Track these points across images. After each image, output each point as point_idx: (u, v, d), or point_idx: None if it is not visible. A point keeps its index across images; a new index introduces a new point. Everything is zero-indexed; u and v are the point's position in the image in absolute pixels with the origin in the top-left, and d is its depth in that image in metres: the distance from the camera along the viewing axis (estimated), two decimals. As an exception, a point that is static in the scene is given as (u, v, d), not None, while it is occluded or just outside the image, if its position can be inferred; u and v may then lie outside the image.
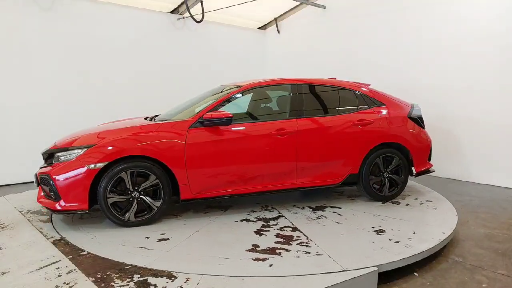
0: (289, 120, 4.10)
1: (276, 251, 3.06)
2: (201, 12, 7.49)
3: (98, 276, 2.63)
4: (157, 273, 2.67)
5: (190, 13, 7.32)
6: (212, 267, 2.76)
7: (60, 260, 2.89)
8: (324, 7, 8.13)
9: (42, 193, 3.75)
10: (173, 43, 7.71)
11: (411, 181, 5.36)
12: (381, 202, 4.40)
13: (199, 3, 7.36)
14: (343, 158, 4.24)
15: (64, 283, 2.54)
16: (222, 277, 2.61)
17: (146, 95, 7.30)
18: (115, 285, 2.51)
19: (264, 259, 2.91)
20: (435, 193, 4.86)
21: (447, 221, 3.75)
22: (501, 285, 2.86)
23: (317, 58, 8.33)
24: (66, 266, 2.78)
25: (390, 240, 3.26)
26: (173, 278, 2.60)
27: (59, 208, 3.47)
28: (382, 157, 4.38)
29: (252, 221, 3.82)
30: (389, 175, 4.45)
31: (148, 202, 3.65)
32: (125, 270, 2.72)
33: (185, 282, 2.54)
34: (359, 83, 4.68)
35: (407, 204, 4.33)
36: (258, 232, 3.49)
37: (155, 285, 2.51)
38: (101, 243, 3.25)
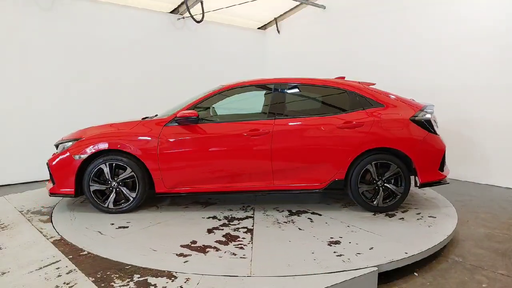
0: (266, 120, 4.02)
1: (206, 249, 3.11)
2: (201, 12, 7.49)
3: (98, 276, 2.63)
4: (157, 273, 2.67)
5: (190, 13, 7.33)
6: (135, 257, 2.94)
7: (60, 260, 2.89)
8: (324, 7, 8.13)
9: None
10: (173, 43, 7.71)
11: (434, 192, 4.89)
12: (372, 213, 4.01)
13: (199, 3, 7.36)
14: (326, 162, 3.96)
15: (64, 283, 2.54)
16: (222, 277, 2.61)
17: (146, 95, 7.30)
18: (115, 285, 2.51)
19: (186, 255, 2.99)
20: (451, 209, 4.18)
21: (424, 241, 3.22)
22: (501, 285, 2.86)
23: (317, 58, 8.33)
24: (66, 266, 2.78)
25: (334, 252, 3.00)
26: (173, 278, 2.60)
27: (54, 191, 3.99)
28: (376, 163, 3.97)
29: (218, 219, 3.89)
30: (384, 184, 4.01)
31: (125, 192, 4.01)
32: (125, 270, 2.72)
33: (185, 282, 2.54)
34: (359, 83, 4.36)
35: (401, 218, 3.85)
36: (211, 230, 3.56)
37: (155, 285, 2.51)
38: (76, 229, 3.57)
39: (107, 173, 3.96)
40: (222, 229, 3.59)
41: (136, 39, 7.17)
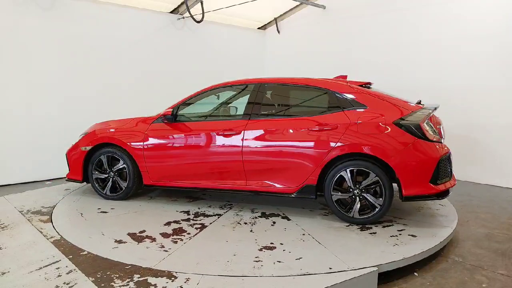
0: (241, 120, 4.03)
1: (144, 239, 3.32)
2: (201, 12, 7.49)
3: (98, 276, 2.64)
4: (157, 273, 2.67)
5: (190, 13, 7.32)
6: (79, 237, 3.34)
7: (60, 260, 2.89)
8: (324, 7, 8.13)
9: None
10: (173, 43, 7.71)
11: (452, 209, 4.28)
12: (346, 223, 3.70)
13: (199, 3, 7.36)
14: (297, 166, 3.78)
15: (64, 283, 2.54)
16: (222, 277, 2.62)
17: (146, 95, 7.30)
18: (115, 285, 2.52)
19: (121, 242, 3.25)
20: (445, 230, 3.58)
21: (369, 259, 2.90)
22: (501, 285, 2.87)
23: (317, 58, 8.33)
24: (66, 266, 2.78)
25: (255, 257, 2.95)
26: (173, 278, 2.60)
27: (68, 176, 4.69)
28: (351, 170, 3.62)
29: (188, 213, 4.06)
30: (362, 194, 3.63)
31: (119, 182, 4.46)
32: (125, 270, 2.72)
33: (185, 282, 2.54)
34: (347, 82, 4.07)
35: (373, 233, 3.48)
36: (169, 223, 3.75)
37: (155, 285, 2.51)
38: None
39: (105, 164, 4.45)
40: (180, 223, 3.74)
41: (136, 39, 7.16)
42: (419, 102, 3.95)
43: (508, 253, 3.43)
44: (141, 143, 4.27)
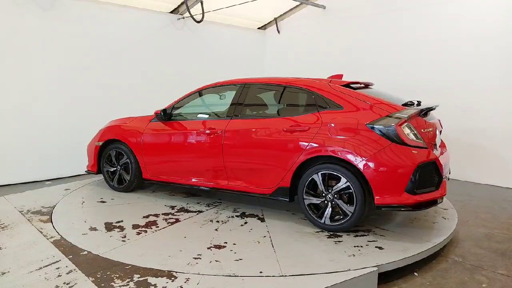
0: (224, 120, 4.08)
1: (114, 229, 3.54)
2: (201, 12, 7.49)
3: (98, 276, 2.64)
4: (157, 273, 2.68)
5: (190, 13, 7.32)
6: (60, 224, 3.65)
7: (60, 260, 2.90)
8: (324, 7, 8.13)
9: None
10: (173, 43, 7.70)
11: (453, 222, 3.87)
12: (317, 229, 3.55)
13: (199, 3, 7.36)
14: (270, 167, 3.72)
15: (64, 283, 2.54)
16: (222, 277, 2.62)
17: (146, 95, 7.29)
18: (115, 285, 2.52)
19: (94, 230, 3.51)
20: (424, 244, 3.22)
21: (308, 266, 2.81)
22: (501, 285, 2.87)
23: (317, 58, 8.33)
24: (66, 266, 2.79)
25: (197, 255, 2.98)
26: (173, 278, 2.60)
27: (87, 168, 5.16)
28: (323, 174, 3.45)
29: (173, 208, 4.23)
30: (334, 200, 3.44)
31: (123, 175, 4.80)
32: (125, 270, 2.72)
33: (185, 282, 2.54)
34: (330, 81, 3.88)
35: (339, 241, 3.27)
36: (148, 216, 3.95)
37: (155, 285, 2.52)
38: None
39: (113, 158, 4.84)
40: (157, 217, 3.92)
41: (136, 39, 7.16)
42: (419, 103, 3.79)
43: (508, 253, 3.43)
44: (140, 140, 4.57)
